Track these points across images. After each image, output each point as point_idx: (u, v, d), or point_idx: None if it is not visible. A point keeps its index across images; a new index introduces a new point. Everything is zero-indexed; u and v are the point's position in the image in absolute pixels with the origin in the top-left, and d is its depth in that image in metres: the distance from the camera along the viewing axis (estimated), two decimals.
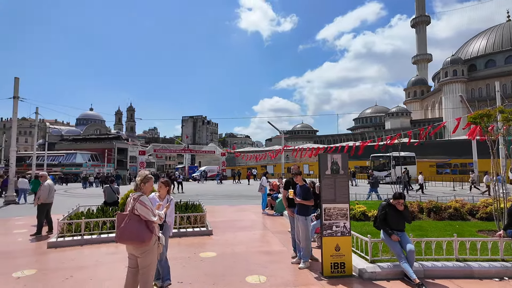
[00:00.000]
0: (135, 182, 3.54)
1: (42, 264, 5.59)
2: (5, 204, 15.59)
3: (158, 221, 3.43)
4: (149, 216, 3.34)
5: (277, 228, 8.76)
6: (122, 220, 3.33)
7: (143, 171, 3.70)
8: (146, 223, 3.34)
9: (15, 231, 8.57)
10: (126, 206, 3.53)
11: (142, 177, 3.53)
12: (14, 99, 16.71)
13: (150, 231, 3.34)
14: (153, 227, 3.39)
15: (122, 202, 8.91)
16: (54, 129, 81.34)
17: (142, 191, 3.51)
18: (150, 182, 3.60)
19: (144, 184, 3.52)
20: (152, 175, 3.74)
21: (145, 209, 3.33)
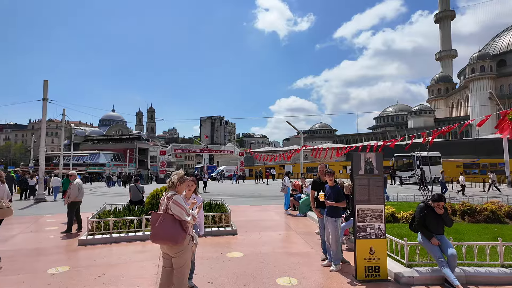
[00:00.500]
0: (170, 180, 3.50)
1: (74, 261, 5.70)
2: (35, 202, 16.23)
3: (192, 221, 3.38)
4: (183, 215, 3.29)
5: (301, 229, 8.60)
6: (156, 220, 3.30)
7: (180, 170, 3.68)
8: (180, 223, 3.29)
9: (46, 228, 8.85)
10: (159, 205, 3.51)
11: (179, 176, 3.49)
12: (44, 101, 17.37)
13: (184, 231, 3.30)
14: (187, 227, 3.34)
15: (147, 201, 9.03)
16: (78, 130, 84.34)
17: (176, 190, 3.47)
18: (186, 183, 3.57)
19: (180, 183, 3.48)
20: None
21: (179, 208, 3.28)
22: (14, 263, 5.56)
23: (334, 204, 5.14)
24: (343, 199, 5.22)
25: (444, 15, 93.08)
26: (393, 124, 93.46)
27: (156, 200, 8.88)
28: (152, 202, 8.89)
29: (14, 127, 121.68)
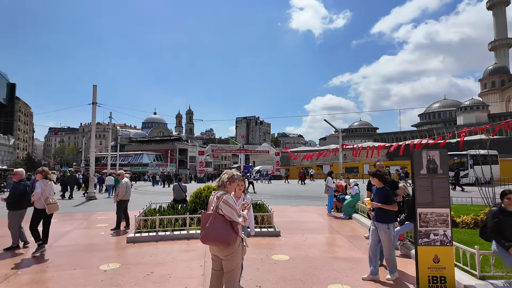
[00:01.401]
0: (219, 179, 3.37)
1: (124, 258, 5.85)
2: (87, 199, 17.35)
3: (243, 222, 3.21)
4: (234, 216, 3.14)
5: (347, 232, 8.14)
6: (207, 220, 3.18)
7: (231, 170, 3.54)
8: (231, 224, 3.14)
9: (98, 225, 9.31)
10: (209, 205, 3.39)
11: (230, 176, 3.36)
12: (93, 105, 18.56)
13: (235, 233, 3.14)
14: (237, 228, 3.18)
15: (191, 199, 9.13)
16: (124, 132, 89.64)
17: (226, 190, 3.33)
18: (236, 182, 3.43)
19: (230, 183, 3.34)
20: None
21: (230, 208, 3.13)
22: (71, 258, 5.84)
23: (381, 206, 4.63)
24: (392, 201, 4.67)
25: (498, 1, 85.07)
26: (440, 121, 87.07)
27: (199, 199, 8.96)
28: (195, 201, 8.98)
29: (68, 130, 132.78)
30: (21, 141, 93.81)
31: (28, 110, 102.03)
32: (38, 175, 6.48)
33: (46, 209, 6.27)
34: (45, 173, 6.54)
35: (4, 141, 75.31)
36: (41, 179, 6.42)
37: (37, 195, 6.17)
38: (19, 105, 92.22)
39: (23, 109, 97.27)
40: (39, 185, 6.26)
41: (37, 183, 6.30)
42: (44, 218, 6.40)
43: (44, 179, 6.45)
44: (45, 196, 6.28)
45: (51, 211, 6.38)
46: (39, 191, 6.20)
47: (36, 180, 6.67)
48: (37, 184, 6.29)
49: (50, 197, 6.43)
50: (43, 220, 6.40)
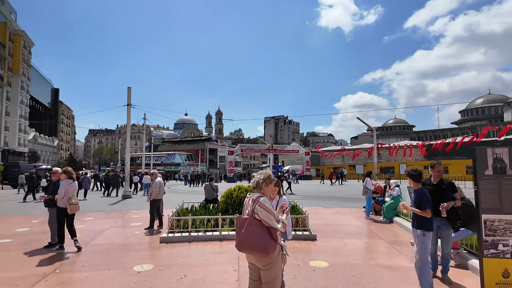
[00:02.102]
0: (254, 181, 3.06)
1: (157, 259, 5.75)
2: (123, 198, 17.92)
3: (282, 228, 2.88)
4: (272, 222, 2.82)
5: (390, 237, 7.53)
6: (242, 225, 2.89)
7: (267, 170, 3.21)
8: (269, 230, 2.83)
9: (132, 224, 9.43)
10: (243, 208, 3.10)
11: (266, 176, 3.03)
12: (128, 106, 19.16)
13: (274, 240, 2.82)
14: (276, 235, 2.86)
15: (222, 200, 8.96)
16: (157, 133, 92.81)
17: (262, 192, 3.02)
18: (273, 184, 3.09)
19: (266, 184, 3.02)
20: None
21: (267, 213, 2.82)
22: (106, 257, 5.85)
23: (412, 210, 4.09)
24: (426, 206, 4.00)
25: None
26: (484, 118, 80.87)
27: (230, 199, 8.77)
28: (226, 201, 8.80)
29: (105, 132, 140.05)
30: (64, 142, 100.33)
31: (70, 113, 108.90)
32: (62, 175, 6.55)
33: (67, 209, 6.32)
34: (69, 173, 6.61)
35: (49, 142, 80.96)
36: (65, 179, 6.50)
37: (60, 195, 6.26)
38: (62, 108, 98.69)
39: (66, 112, 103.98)
40: (63, 185, 6.35)
41: (61, 183, 6.39)
42: (66, 217, 6.49)
43: (68, 179, 6.52)
44: (68, 196, 6.35)
45: (72, 211, 6.41)
46: (63, 191, 6.28)
47: (58, 179, 6.82)
48: (61, 183, 6.39)
49: (73, 197, 6.48)
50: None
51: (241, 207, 8.43)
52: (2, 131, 52.01)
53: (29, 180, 17.66)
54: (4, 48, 53.94)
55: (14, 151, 55.43)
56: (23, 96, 60.86)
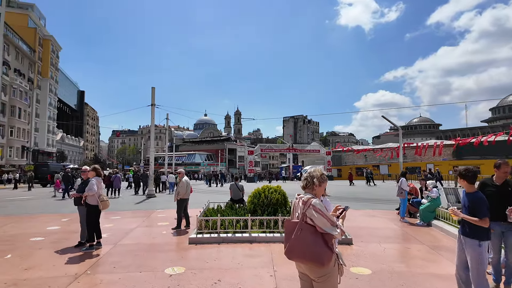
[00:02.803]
0: (305, 179, 2.73)
1: (188, 261, 5.53)
2: (147, 197, 18.08)
3: (339, 235, 2.52)
4: (328, 227, 2.47)
5: (431, 242, 6.98)
6: (291, 230, 2.57)
7: (318, 167, 2.85)
8: (323, 237, 2.49)
9: (159, 223, 9.33)
10: (292, 211, 2.77)
11: (319, 176, 2.69)
12: (152, 106, 19.33)
13: (329, 249, 2.48)
14: (332, 243, 2.52)
15: (249, 200, 8.68)
16: (178, 133, 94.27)
17: (314, 193, 2.68)
18: (326, 184, 2.74)
19: (320, 184, 2.68)
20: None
21: (322, 217, 2.47)
22: (136, 258, 5.70)
23: (467, 219, 3.48)
24: (485, 214, 3.39)
25: None
26: None
27: (257, 199, 8.48)
28: (254, 202, 8.51)
29: (128, 133, 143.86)
30: (89, 143, 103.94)
31: (95, 115, 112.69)
32: (90, 173, 6.53)
33: (99, 206, 6.31)
34: (98, 171, 6.58)
35: (75, 142, 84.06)
36: (93, 176, 6.47)
37: (92, 191, 6.22)
38: (87, 110, 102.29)
39: (91, 114, 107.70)
40: (93, 182, 6.31)
41: (92, 180, 6.35)
42: (96, 215, 6.47)
43: (97, 177, 6.50)
44: (98, 193, 6.33)
45: (104, 208, 6.42)
46: (95, 188, 6.25)
47: (84, 177, 6.83)
48: (92, 181, 6.34)
49: (103, 194, 6.47)
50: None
51: (270, 208, 8.13)
52: (32, 132, 54.39)
53: (65, 179, 18.21)
54: (34, 52, 56.42)
55: (43, 151, 57.88)
56: (51, 98, 63.46)
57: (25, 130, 49.93)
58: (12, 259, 5.73)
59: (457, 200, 10.31)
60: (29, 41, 55.08)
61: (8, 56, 46.14)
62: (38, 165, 37.84)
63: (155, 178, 23.20)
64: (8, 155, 45.50)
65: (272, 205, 8.19)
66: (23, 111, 48.71)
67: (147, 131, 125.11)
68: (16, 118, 46.54)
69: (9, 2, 54.87)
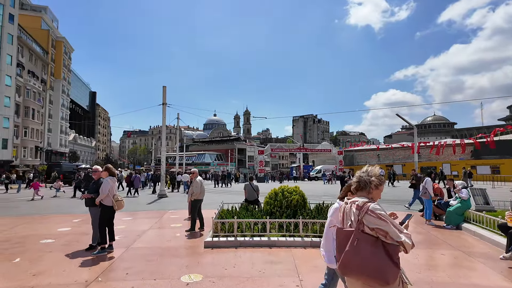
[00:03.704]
0: (359, 179, 2.28)
1: (205, 268, 5.14)
2: (159, 197, 17.84)
3: (409, 246, 2.07)
4: (396, 235, 2.02)
5: (465, 247, 6.44)
6: (345, 240, 2.13)
7: (374, 167, 2.37)
8: (386, 249, 2.04)
9: (172, 225, 8.99)
10: (342, 217, 2.33)
11: (376, 175, 2.25)
12: (163, 105, 19.10)
13: (395, 265, 2.04)
14: (398, 257, 2.07)
15: (266, 201, 8.26)
16: (188, 133, 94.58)
17: (370, 197, 2.24)
18: (383, 187, 2.30)
19: (377, 186, 2.24)
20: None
21: (386, 224, 2.02)
22: (150, 264, 5.34)
23: None
24: None
25: None
26: None
27: (274, 200, 8.04)
28: (270, 203, 8.09)
29: (139, 133, 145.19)
30: (100, 143, 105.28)
31: (106, 115, 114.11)
32: (103, 172, 6.24)
33: (114, 206, 6.03)
34: (110, 170, 6.28)
35: (87, 143, 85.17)
36: (106, 176, 6.17)
37: (103, 194, 5.93)
38: (99, 110, 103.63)
39: (102, 114, 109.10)
40: (107, 182, 6.02)
41: (105, 180, 6.06)
42: (111, 216, 6.19)
43: (111, 176, 6.20)
44: (112, 193, 6.04)
45: (119, 208, 6.15)
46: (107, 188, 5.96)
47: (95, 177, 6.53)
48: (105, 180, 6.05)
49: (117, 194, 6.18)
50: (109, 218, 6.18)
51: (288, 210, 7.69)
52: (45, 133, 55.20)
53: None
54: (47, 54, 57.26)
55: (56, 151, 58.71)
56: (64, 99, 64.33)
57: (39, 130, 50.67)
58: (21, 263, 5.45)
59: (486, 201, 9.69)
60: (42, 43, 55.91)
61: (22, 58, 46.87)
62: (51, 165, 38.27)
63: (171, 178, 23.96)
64: (23, 155, 46.23)
65: (291, 207, 7.75)
66: (36, 112, 49.43)
67: (158, 131, 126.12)
68: (30, 118, 47.26)
69: (23, 5, 55.84)
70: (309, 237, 6.53)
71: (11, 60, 42.78)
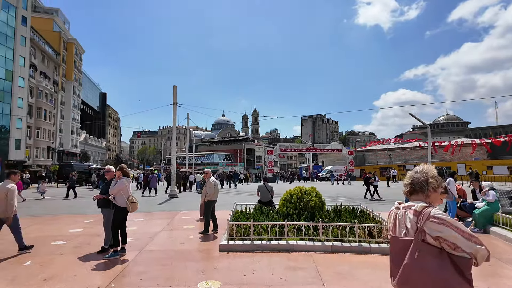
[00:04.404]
0: (413, 180, 1.97)
1: (222, 273, 4.86)
2: (169, 197, 17.68)
3: (483, 259, 1.74)
4: (469, 245, 1.69)
5: (498, 252, 6.01)
6: (402, 251, 1.81)
7: (429, 166, 2.04)
8: (454, 263, 1.72)
9: (184, 227, 8.76)
10: (393, 224, 2.01)
11: (433, 175, 1.94)
12: (174, 105, 18.95)
13: (466, 281, 1.71)
14: (470, 272, 1.75)
15: (282, 203, 7.95)
16: (196, 133, 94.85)
17: (428, 201, 1.92)
18: (443, 188, 1.98)
19: (434, 189, 1.92)
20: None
21: (458, 233, 1.70)
22: (165, 269, 5.09)
23: None
24: None
25: None
26: None
27: (290, 202, 7.73)
28: (286, 205, 7.78)
29: (148, 133, 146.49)
30: (111, 144, 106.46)
31: (116, 116, 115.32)
32: (117, 172, 6.04)
33: (128, 208, 5.81)
34: (124, 170, 6.06)
35: (98, 143, 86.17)
36: (120, 176, 5.97)
37: (117, 190, 5.73)
38: (109, 111, 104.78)
39: (112, 115, 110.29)
40: (122, 182, 5.82)
41: (120, 180, 5.86)
42: (124, 218, 5.98)
43: (125, 177, 5.99)
44: (126, 194, 5.82)
45: (133, 210, 5.93)
46: (121, 186, 5.76)
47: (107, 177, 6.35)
48: (120, 180, 5.84)
49: (132, 196, 5.95)
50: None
51: (306, 212, 7.36)
52: (57, 133, 55.96)
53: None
54: (59, 55, 58.07)
55: (68, 151, 59.47)
56: (75, 100, 65.16)
57: (51, 131, 51.36)
58: (31, 266, 5.27)
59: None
60: (54, 45, 56.71)
61: (34, 59, 47.59)
62: (62, 165, 38.69)
63: (183, 178, 24.05)
64: (35, 156, 46.91)
65: (308, 209, 7.43)
66: (48, 113, 50.11)
67: (167, 131, 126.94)
68: (42, 119, 47.92)
69: (35, 7, 56.77)
70: (330, 241, 6.20)
71: (24, 62, 43.46)
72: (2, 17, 40.10)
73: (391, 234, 1.98)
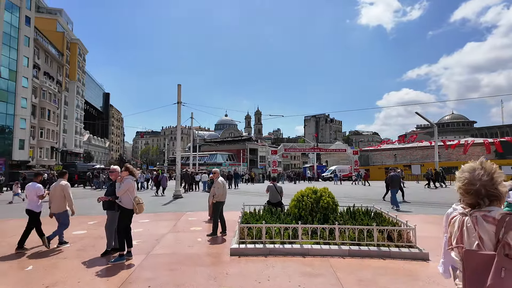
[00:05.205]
0: (483, 183, 1.66)
1: (235, 279, 4.56)
2: (174, 198, 17.42)
3: None
4: None
5: None
6: (485, 269, 1.51)
7: (487, 162, 1.74)
8: None
9: (191, 228, 8.47)
10: (459, 234, 1.70)
11: (498, 175, 1.64)
12: (178, 104, 18.69)
13: None
14: None
15: (293, 204, 7.63)
16: (199, 133, 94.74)
17: (499, 206, 1.62)
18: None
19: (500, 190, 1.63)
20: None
21: None
22: (174, 274, 4.80)
23: None
24: None
25: None
26: None
27: (301, 203, 7.40)
28: (298, 206, 7.46)
29: (151, 134, 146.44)
30: (114, 144, 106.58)
31: (120, 116, 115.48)
32: (123, 172, 5.77)
33: (135, 209, 5.52)
34: (130, 170, 5.78)
35: (101, 143, 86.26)
36: (126, 175, 5.70)
37: (123, 189, 5.47)
38: (112, 111, 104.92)
39: (116, 115, 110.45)
40: (128, 181, 5.55)
41: (126, 180, 5.57)
42: (130, 220, 5.71)
43: (131, 176, 5.71)
44: (132, 195, 5.53)
45: (140, 211, 5.64)
46: (127, 187, 5.49)
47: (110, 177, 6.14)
48: (126, 180, 5.56)
49: (138, 196, 5.67)
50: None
51: (319, 213, 7.04)
52: (61, 133, 55.98)
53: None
54: (62, 56, 58.11)
55: (71, 151, 59.50)
56: (78, 100, 65.22)
57: (54, 131, 51.36)
58: (33, 271, 5.00)
59: None
60: (58, 45, 56.75)
61: (38, 59, 47.59)
62: (66, 165, 38.59)
63: (185, 176, 23.91)
64: (39, 156, 46.90)
65: (321, 211, 7.11)
66: (52, 113, 50.11)
67: (170, 132, 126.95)
68: (45, 119, 47.92)
69: (39, 8, 56.84)
70: (347, 245, 5.87)
71: (28, 62, 43.45)
72: (6, 17, 40.11)
73: (461, 246, 1.66)
